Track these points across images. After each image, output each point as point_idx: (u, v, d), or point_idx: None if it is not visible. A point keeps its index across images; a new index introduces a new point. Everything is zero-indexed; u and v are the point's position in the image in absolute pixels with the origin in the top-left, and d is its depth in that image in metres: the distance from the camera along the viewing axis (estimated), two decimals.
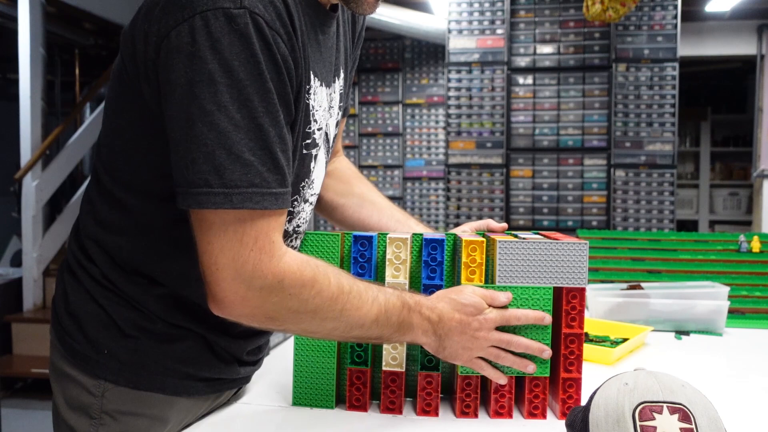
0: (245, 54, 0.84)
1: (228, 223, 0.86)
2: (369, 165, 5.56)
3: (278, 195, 0.88)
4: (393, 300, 0.99)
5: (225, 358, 1.08)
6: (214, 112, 0.84)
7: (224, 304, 0.89)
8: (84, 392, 1.02)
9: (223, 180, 0.84)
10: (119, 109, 0.99)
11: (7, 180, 5.18)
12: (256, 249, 0.87)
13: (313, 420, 1.08)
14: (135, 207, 1.00)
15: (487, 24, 4.24)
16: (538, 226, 4.23)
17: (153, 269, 1.00)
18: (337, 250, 1.10)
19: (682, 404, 0.78)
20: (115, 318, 1.01)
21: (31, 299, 4.49)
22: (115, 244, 1.01)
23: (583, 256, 1.07)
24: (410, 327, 1.01)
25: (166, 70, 0.87)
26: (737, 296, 1.87)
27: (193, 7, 0.85)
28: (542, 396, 1.09)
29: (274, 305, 0.90)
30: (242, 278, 0.87)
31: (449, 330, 1.02)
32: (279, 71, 0.88)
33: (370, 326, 0.97)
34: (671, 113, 4.10)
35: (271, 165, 0.87)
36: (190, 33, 0.84)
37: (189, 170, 0.85)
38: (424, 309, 1.01)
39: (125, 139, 0.99)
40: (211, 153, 0.84)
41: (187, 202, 0.86)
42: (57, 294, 1.07)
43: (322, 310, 0.93)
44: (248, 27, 0.84)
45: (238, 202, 0.85)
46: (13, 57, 4.35)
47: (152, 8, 0.91)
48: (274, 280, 0.88)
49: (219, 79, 0.83)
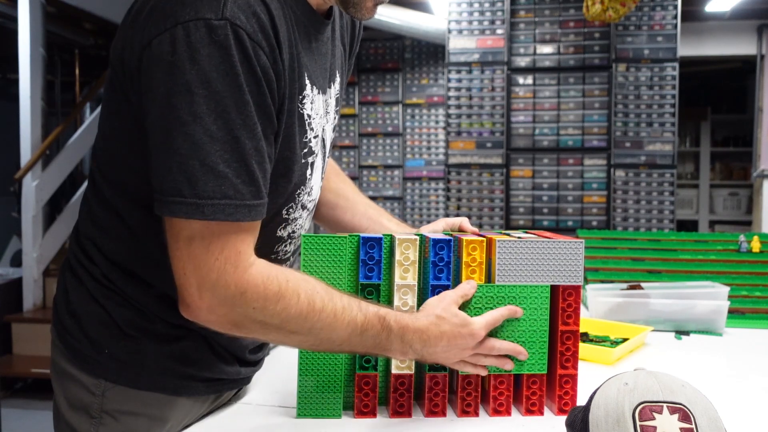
0: (224, 66, 0.84)
1: (197, 232, 0.87)
2: (369, 165, 5.56)
3: (252, 207, 0.88)
4: (373, 322, 0.97)
5: (226, 358, 1.07)
6: (190, 123, 0.84)
7: (191, 309, 0.90)
8: (84, 391, 1.02)
9: (196, 190, 0.85)
10: (111, 113, 1.00)
11: (7, 180, 5.18)
12: (221, 258, 0.88)
13: (320, 425, 1.06)
14: (127, 212, 1.00)
15: (487, 24, 4.24)
16: (538, 226, 4.22)
17: (148, 272, 1.01)
18: (342, 253, 1.08)
19: (682, 404, 0.78)
20: (115, 318, 1.01)
21: (31, 299, 4.49)
22: (111, 246, 1.02)
23: (578, 254, 1.08)
24: (386, 350, 1.00)
25: (147, 79, 0.87)
26: (737, 296, 1.87)
27: (176, 17, 0.85)
28: (540, 393, 1.10)
29: (238, 315, 0.91)
30: (206, 286, 0.88)
31: (433, 352, 1.03)
32: (258, 83, 0.87)
33: (341, 344, 0.97)
34: (671, 113, 4.10)
35: (246, 177, 0.87)
36: (171, 42, 0.84)
37: (164, 178, 0.86)
38: (408, 335, 1.00)
39: (117, 144, 0.99)
40: (185, 163, 0.84)
41: (160, 210, 0.87)
42: (58, 293, 1.08)
43: (288, 324, 0.93)
44: (228, 38, 0.84)
45: (210, 213, 0.85)
46: (13, 57, 4.35)
47: (138, 15, 0.92)
48: (236, 291, 0.89)
49: (196, 90, 0.84)
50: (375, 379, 1.09)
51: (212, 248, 0.87)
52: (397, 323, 0.99)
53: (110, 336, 1.01)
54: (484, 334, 1.05)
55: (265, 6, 0.89)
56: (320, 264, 1.07)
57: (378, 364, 1.10)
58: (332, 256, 1.08)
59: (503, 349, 1.07)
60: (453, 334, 1.02)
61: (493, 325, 1.06)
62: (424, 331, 1.01)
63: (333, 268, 1.08)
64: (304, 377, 1.08)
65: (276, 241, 1.07)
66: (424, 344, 1.01)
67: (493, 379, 1.09)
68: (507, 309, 1.08)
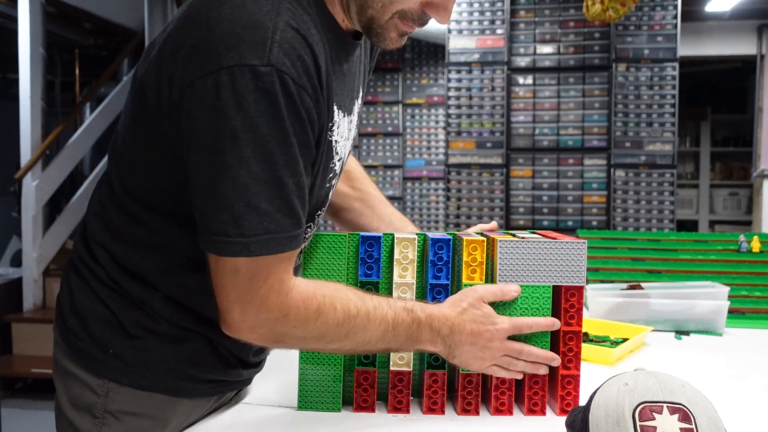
0: (270, 111, 0.85)
1: (242, 267, 0.89)
2: (369, 165, 5.55)
3: (293, 237, 0.91)
4: (402, 316, 1.01)
5: (229, 361, 1.08)
6: (236, 167, 0.85)
7: (233, 329, 0.94)
8: (88, 391, 1.02)
9: (241, 230, 0.86)
10: (142, 136, 0.98)
11: (7, 180, 5.18)
12: (265, 287, 0.91)
13: (319, 421, 1.07)
14: (152, 223, 1.00)
15: (487, 24, 4.24)
16: (538, 226, 4.22)
17: (158, 279, 1.01)
18: (343, 251, 1.10)
19: (682, 404, 0.78)
20: (120, 318, 1.01)
21: (31, 299, 4.49)
22: (124, 252, 1.01)
23: (581, 254, 1.08)
24: (418, 341, 1.03)
25: (188, 119, 0.88)
26: (737, 296, 1.87)
27: (220, 61, 0.84)
28: (542, 393, 1.10)
29: (280, 334, 0.95)
30: (250, 312, 0.92)
31: (460, 341, 1.04)
32: (303, 124, 0.89)
33: (377, 343, 1.01)
34: (671, 113, 4.10)
35: (288, 210, 0.89)
36: (215, 86, 0.84)
37: (209, 218, 0.88)
38: (435, 322, 1.03)
39: (144, 162, 0.99)
40: (231, 205, 0.86)
41: (206, 247, 0.90)
42: (62, 293, 1.07)
43: (327, 335, 0.97)
44: (275, 86, 0.84)
45: (255, 249, 0.87)
46: (13, 57, 4.35)
47: (178, 50, 0.89)
48: (279, 315, 0.92)
49: (242, 136, 0.85)
50: (374, 374, 1.10)
51: (257, 279, 0.90)
52: (424, 312, 1.03)
53: (115, 336, 1.01)
54: (507, 329, 1.06)
55: (309, 47, 0.89)
56: (321, 262, 1.09)
57: (377, 360, 1.10)
58: (333, 254, 1.09)
59: (535, 354, 1.08)
60: (476, 325, 1.04)
61: (522, 328, 1.07)
62: (448, 317, 1.04)
63: (334, 265, 1.09)
64: (305, 371, 1.10)
65: None
66: (451, 331, 1.03)
67: (495, 379, 1.09)
68: (546, 320, 1.08)
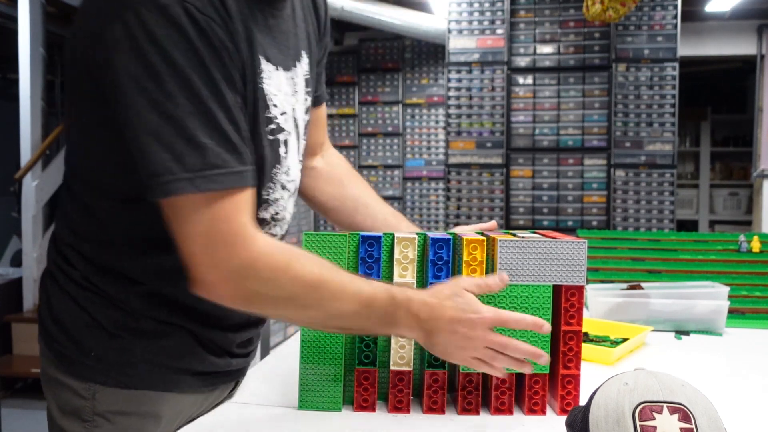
0: (183, 43, 0.86)
1: (196, 206, 0.88)
2: (369, 165, 5.56)
3: (240, 173, 0.90)
4: (380, 294, 0.97)
5: (215, 351, 1.07)
6: (164, 102, 0.85)
7: (203, 285, 0.91)
8: (75, 396, 1.01)
9: (185, 166, 0.86)
10: (78, 111, 0.99)
11: (7, 180, 5.18)
12: (226, 230, 0.89)
13: (320, 421, 1.07)
14: (101, 208, 1.00)
15: (487, 24, 4.24)
16: (538, 226, 4.22)
17: (131, 269, 1.00)
18: (343, 251, 1.10)
19: (682, 404, 0.78)
20: (99, 319, 1.00)
21: (31, 299, 4.49)
22: (89, 247, 1.01)
23: (581, 254, 1.08)
24: (395, 323, 0.98)
25: (108, 67, 0.88)
26: (737, 296, 1.87)
27: (123, 2, 0.86)
28: (542, 393, 1.10)
29: (250, 291, 0.92)
30: (215, 261, 0.89)
31: (438, 327, 0.98)
32: (218, 54, 0.89)
33: (351, 317, 0.97)
34: (671, 113, 4.10)
35: (227, 146, 0.89)
36: (125, 28, 0.85)
37: (150, 161, 0.87)
38: (414, 305, 0.98)
39: (88, 141, 0.99)
40: (168, 142, 0.86)
41: (154, 193, 0.88)
42: (41, 302, 1.07)
43: (299, 297, 0.94)
44: (181, 17, 0.86)
45: (202, 184, 0.86)
46: (13, 57, 4.35)
47: (87, 6, 0.93)
48: (246, 262, 0.90)
49: (162, 69, 0.85)
50: (374, 374, 1.10)
51: (215, 221, 0.88)
52: (403, 293, 0.98)
53: (96, 338, 1.00)
54: (490, 319, 0.99)
55: None
56: None
57: (377, 360, 1.10)
58: (333, 254, 1.09)
59: (520, 349, 1.01)
60: (457, 312, 0.98)
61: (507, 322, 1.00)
62: (428, 302, 0.98)
63: None
64: (305, 370, 1.10)
65: (259, 223, 1.07)
66: (430, 316, 0.97)
67: (496, 379, 1.09)
68: (533, 318, 1.02)
